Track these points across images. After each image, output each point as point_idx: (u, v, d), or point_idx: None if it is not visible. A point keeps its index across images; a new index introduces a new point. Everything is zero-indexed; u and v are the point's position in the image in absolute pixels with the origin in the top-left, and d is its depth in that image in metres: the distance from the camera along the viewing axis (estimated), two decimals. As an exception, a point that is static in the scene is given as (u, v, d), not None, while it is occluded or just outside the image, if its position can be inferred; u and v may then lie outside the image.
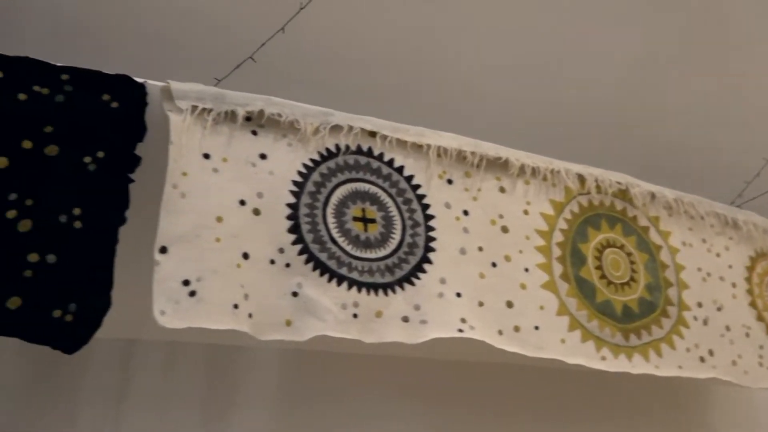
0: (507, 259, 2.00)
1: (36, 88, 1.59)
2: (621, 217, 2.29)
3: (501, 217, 2.06)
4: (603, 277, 2.15)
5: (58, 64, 1.65)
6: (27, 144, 1.54)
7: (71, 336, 1.48)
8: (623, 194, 2.32)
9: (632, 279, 2.20)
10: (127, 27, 2.63)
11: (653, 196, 2.38)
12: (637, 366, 2.08)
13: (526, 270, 2.02)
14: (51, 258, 1.48)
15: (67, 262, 1.50)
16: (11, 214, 1.48)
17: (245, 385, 2.58)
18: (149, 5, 2.53)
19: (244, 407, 2.55)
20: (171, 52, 2.62)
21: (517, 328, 1.92)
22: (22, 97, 1.58)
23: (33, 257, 1.47)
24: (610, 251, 2.21)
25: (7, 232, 1.47)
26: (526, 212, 2.11)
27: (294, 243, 1.71)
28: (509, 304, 1.94)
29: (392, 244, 1.84)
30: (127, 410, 2.45)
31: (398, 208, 1.89)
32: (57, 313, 1.45)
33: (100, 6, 2.62)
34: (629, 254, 2.24)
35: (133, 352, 2.51)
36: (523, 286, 1.99)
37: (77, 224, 1.52)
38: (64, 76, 1.63)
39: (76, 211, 1.53)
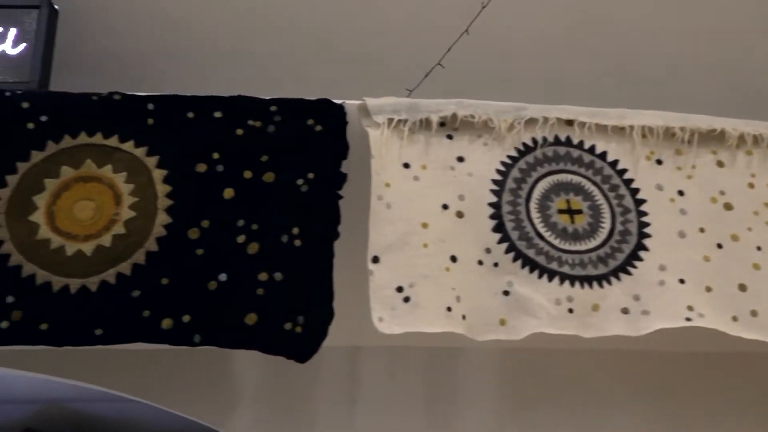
0: (734, 238, 1.83)
1: (250, 122, 1.75)
2: None
3: (722, 193, 1.88)
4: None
5: (266, 98, 1.79)
6: (248, 174, 1.69)
7: (302, 346, 1.59)
8: None
9: None
10: (323, 51, 2.80)
11: None
12: None
13: (759, 249, 1.83)
14: (278, 276, 1.61)
15: (292, 279, 1.62)
16: (241, 239, 1.64)
17: (466, 385, 2.61)
18: (341, 30, 2.67)
19: (466, 408, 2.58)
20: (363, 71, 2.74)
21: (754, 313, 1.74)
22: (239, 132, 1.74)
23: (263, 276, 1.60)
24: None
25: (240, 256, 1.62)
26: (751, 185, 1.91)
27: (500, 242, 1.71)
28: (742, 288, 1.77)
29: (602, 233, 1.76)
30: (358, 414, 2.58)
31: (605, 195, 1.81)
32: (288, 326, 1.57)
33: (296, 36, 2.82)
34: None
35: (358, 358, 2.64)
36: (756, 267, 1.80)
37: (297, 242, 1.64)
38: (273, 108, 1.77)
39: (295, 231, 1.65)
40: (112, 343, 1.56)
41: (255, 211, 1.67)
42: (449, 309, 1.62)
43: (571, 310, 1.67)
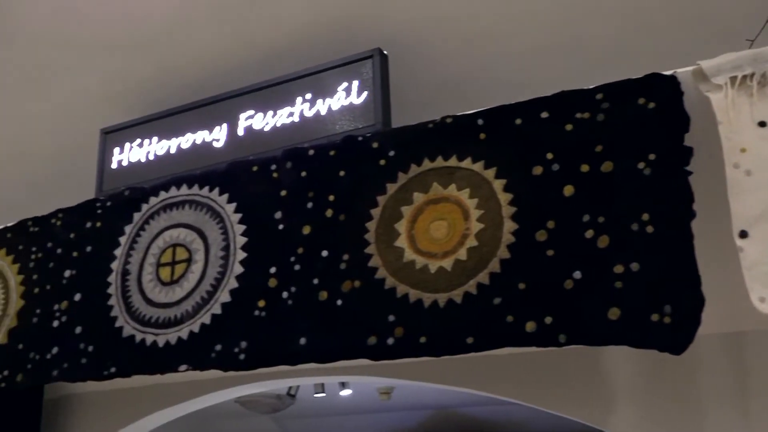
0: None
1: (578, 115, 1.72)
2: None
3: None
4: None
5: (590, 87, 1.75)
6: (585, 167, 1.66)
7: (674, 337, 1.49)
8: None
9: None
10: (642, 24, 2.64)
11: None
12: None
13: None
14: (635, 266, 1.54)
15: (650, 267, 1.54)
16: (589, 233, 1.61)
17: None
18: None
19: None
20: (687, 33, 2.51)
21: None
22: (569, 127, 1.72)
23: (618, 269, 1.55)
24: None
25: (591, 251, 1.59)
26: None
27: None
28: None
29: None
30: (752, 406, 2.33)
31: None
32: (655, 317, 1.49)
33: (611, 19, 2.70)
34: None
35: (743, 344, 2.39)
36: None
37: (649, 229, 1.56)
38: (599, 95, 1.72)
39: (645, 217, 1.57)
40: (482, 350, 1.65)
41: (599, 203, 1.63)
42: None
43: None
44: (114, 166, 3.41)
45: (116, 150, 3.42)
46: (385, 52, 2.99)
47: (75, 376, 2.10)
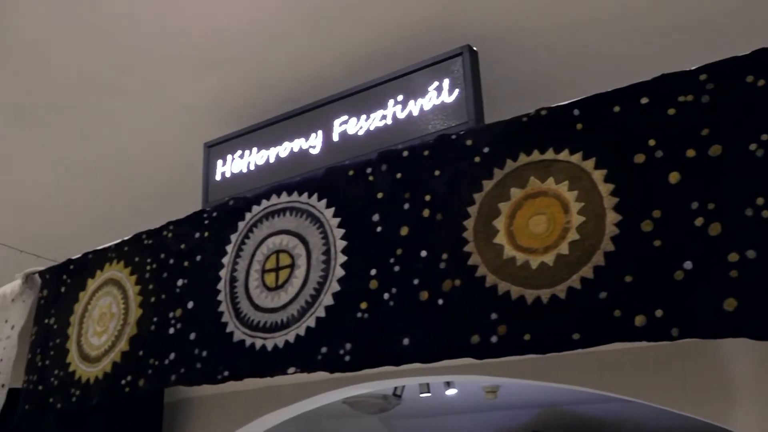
0: None
1: (681, 98, 1.65)
2: None
3: None
4: None
5: (692, 68, 1.67)
6: (691, 153, 1.59)
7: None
8: None
9: None
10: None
11: None
12: None
13: None
14: (751, 254, 1.46)
15: (767, 254, 1.45)
16: (699, 221, 1.53)
17: None
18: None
19: None
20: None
21: None
22: (671, 112, 1.65)
23: (733, 257, 1.47)
24: None
25: (702, 239, 1.52)
26: None
27: None
28: None
29: None
30: None
31: None
32: (779, 306, 1.41)
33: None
34: None
35: None
36: None
37: (765, 214, 1.47)
38: (702, 76, 1.64)
39: (760, 201, 1.48)
40: (589, 346, 1.61)
41: (708, 189, 1.55)
42: None
43: None
44: (218, 177, 3.56)
45: (219, 162, 3.57)
46: (474, 48, 2.96)
47: (191, 380, 2.20)
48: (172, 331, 2.29)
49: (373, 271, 1.94)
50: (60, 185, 4.40)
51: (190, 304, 2.28)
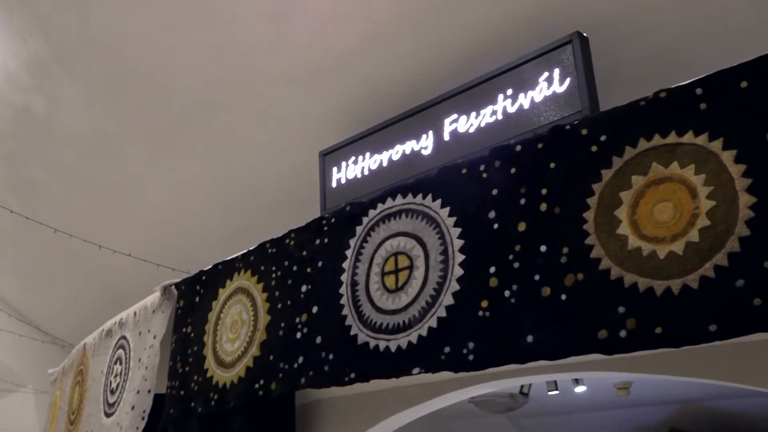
0: None
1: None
2: None
3: None
4: None
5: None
6: None
7: None
8: None
9: None
10: None
11: None
12: None
13: None
14: None
15: None
16: None
17: None
18: None
19: None
20: None
21: None
22: None
23: None
24: None
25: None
26: None
27: None
28: None
29: None
30: None
31: None
32: None
33: None
34: None
35: None
36: None
37: None
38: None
39: None
40: (727, 338, 1.51)
41: None
42: None
43: None
44: (334, 184, 3.65)
45: (334, 169, 3.66)
46: (585, 34, 2.87)
47: (320, 382, 2.26)
48: (299, 335, 2.36)
49: (492, 269, 1.92)
50: (187, 202, 4.67)
51: (315, 309, 2.35)
